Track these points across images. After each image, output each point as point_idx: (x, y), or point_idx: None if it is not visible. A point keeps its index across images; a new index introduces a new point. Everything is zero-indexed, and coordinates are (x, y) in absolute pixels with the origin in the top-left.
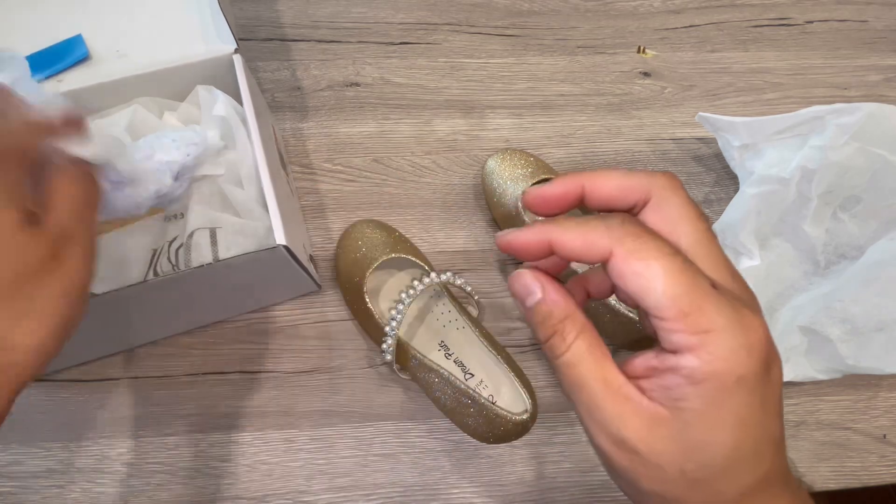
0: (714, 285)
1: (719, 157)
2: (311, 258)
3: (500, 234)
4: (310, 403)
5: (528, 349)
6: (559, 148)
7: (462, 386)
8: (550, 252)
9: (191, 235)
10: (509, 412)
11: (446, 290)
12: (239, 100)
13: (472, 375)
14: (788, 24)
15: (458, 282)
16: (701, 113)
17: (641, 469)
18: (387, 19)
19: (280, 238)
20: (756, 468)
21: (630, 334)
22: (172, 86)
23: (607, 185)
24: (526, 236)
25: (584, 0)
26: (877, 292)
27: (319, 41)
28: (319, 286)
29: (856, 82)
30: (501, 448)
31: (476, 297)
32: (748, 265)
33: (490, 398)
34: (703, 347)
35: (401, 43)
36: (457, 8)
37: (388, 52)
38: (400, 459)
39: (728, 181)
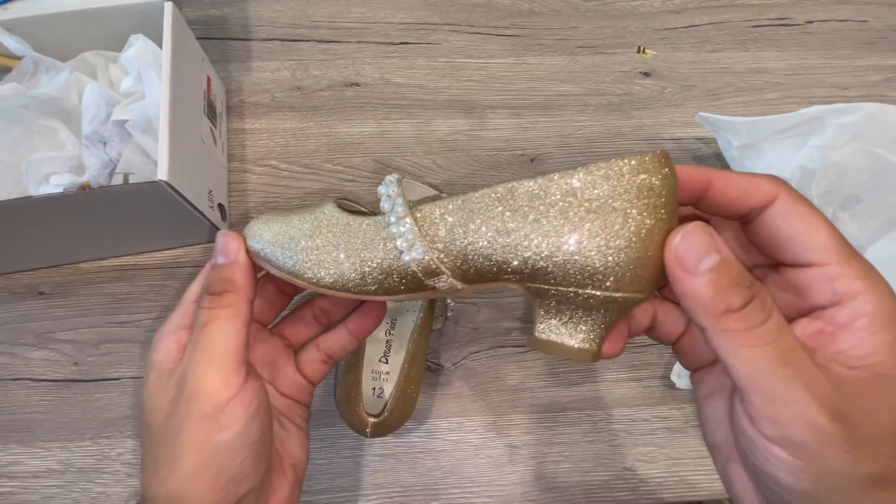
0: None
1: (719, 157)
2: (222, 207)
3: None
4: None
5: (529, 349)
6: (559, 148)
7: (362, 358)
8: (701, 193)
9: (110, 178)
10: (367, 411)
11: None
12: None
13: (386, 363)
14: (788, 24)
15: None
16: (701, 113)
17: (859, 445)
18: (387, 19)
19: (163, 174)
20: None
21: None
22: (117, 30)
23: (739, 182)
24: (687, 169)
25: (584, 0)
26: None
27: (319, 41)
28: None
29: (856, 82)
30: (501, 448)
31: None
32: None
33: (375, 391)
34: (873, 290)
35: (401, 43)
36: (457, 8)
37: (388, 52)
38: (400, 459)
39: None
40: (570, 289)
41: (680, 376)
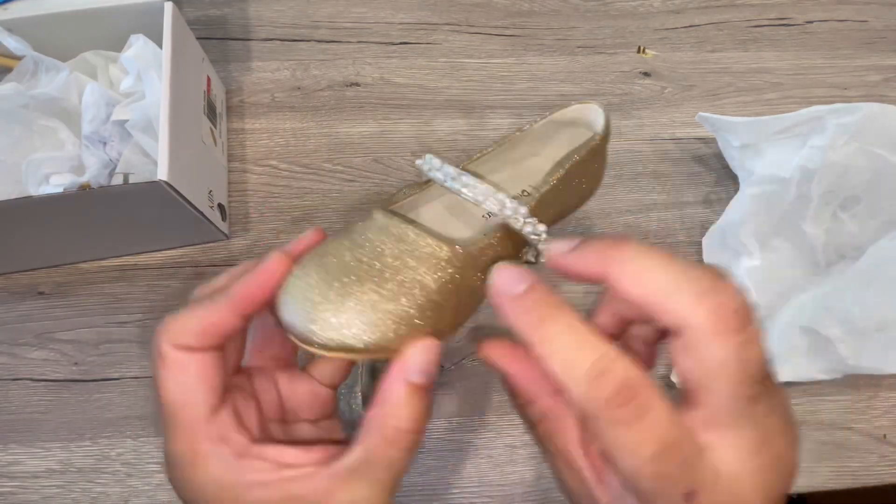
0: (689, 494)
1: (719, 157)
2: (222, 207)
3: (554, 247)
4: None
5: None
6: None
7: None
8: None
9: (110, 178)
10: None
11: None
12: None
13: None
14: (788, 24)
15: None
16: (701, 113)
17: None
18: (387, 19)
19: (163, 174)
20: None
21: None
22: (117, 30)
23: (634, 290)
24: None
25: (584, 0)
26: (877, 292)
27: (319, 41)
28: (227, 235)
29: (856, 82)
30: (501, 448)
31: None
32: (748, 265)
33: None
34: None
35: (401, 43)
36: (457, 8)
37: (388, 52)
38: None
39: (728, 181)
40: None
41: None
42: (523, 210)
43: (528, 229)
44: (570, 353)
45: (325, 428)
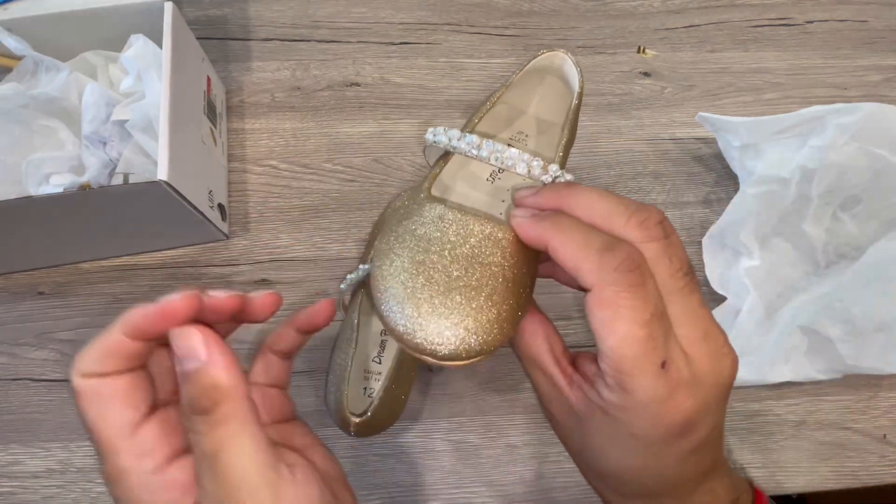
0: (664, 363)
1: (719, 157)
2: (222, 207)
3: (521, 194)
4: (308, 403)
5: None
6: None
7: (351, 356)
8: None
9: (110, 178)
10: (352, 410)
11: None
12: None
13: (379, 363)
14: (788, 24)
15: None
16: (701, 113)
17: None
18: (387, 19)
19: (163, 174)
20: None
21: None
22: (117, 30)
23: (568, 246)
24: (529, 229)
25: (584, 0)
26: (877, 292)
27: (319, 41)
28: (227, 235)
29: (856, 82)
30: (501, 448)
31: None
32: (748, 265)
33: (366, 390)
34: (624, 398)
35: (401, 43)
36: (457, 8)
37: (388, 52)
38: (400, 459)
39: (728, 181)
40: None
41: None
42: (553, 167)
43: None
44: (584, 236)
45: (281, 432)
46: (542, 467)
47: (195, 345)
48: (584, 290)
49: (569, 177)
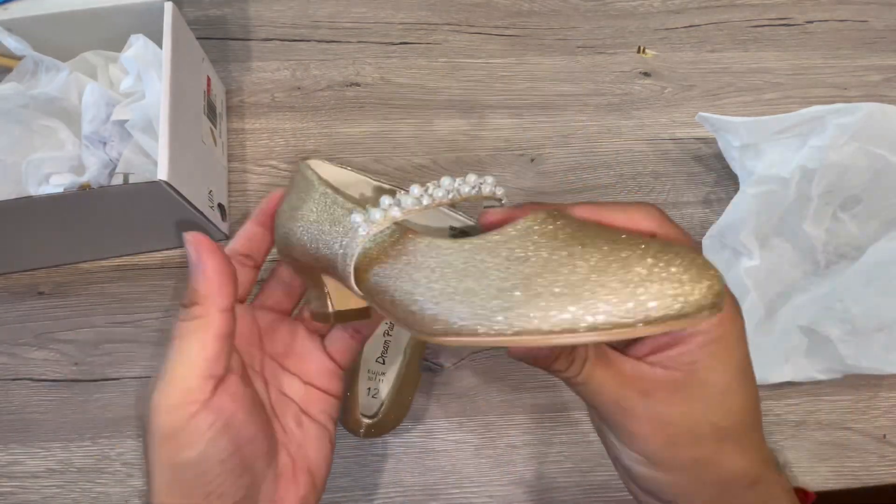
0: None
1: (719, 157)
2: (222, 207)
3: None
4: None
5: None
6: (559, 148)
7: (359, 357)
8: None
9: (110, 178)
10: (362, 412)
11: None
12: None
13: (383, 363)
14: (788, 24)
15: (497, 191)
16: (701, 113)
17: (676, 437)
18: (387, 19)
19: (163, 174)
20: (759, 424)
21: None
22: (117, 30)
23: (618, 218)
24: (580, 208)
25: (584, 0)
26: (877, 292)
27: (319, 41)
28: (227, 235)
29: (856, 82)
30: (502, 448)
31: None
32: (748, 265)
33: (370, 390)
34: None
35: (401, 43)
36: (457, 8)
37: (388, 52)
38: (400, 459)
39: (728, 181)
40: None
41: None
42: (490, 178)
43: (498, 192)
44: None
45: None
46: (542, 467)
47: (191, 249)
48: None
49: (501, 190)
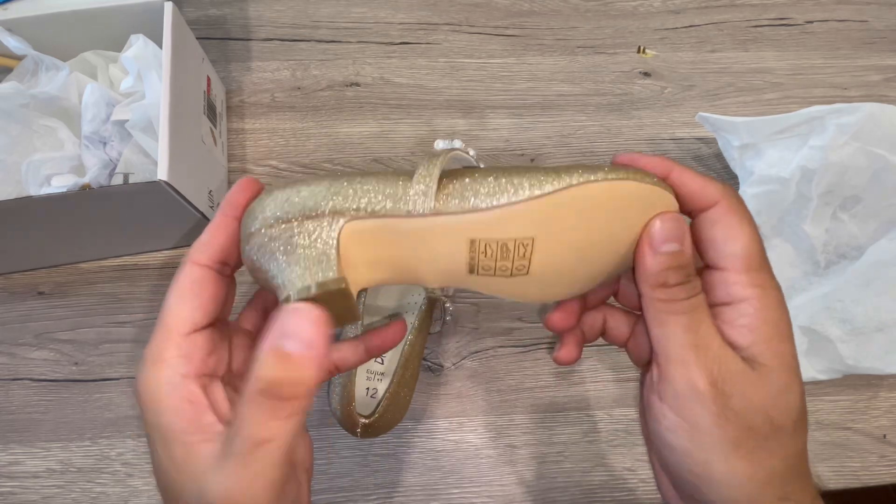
0: None
1: (719, 157)
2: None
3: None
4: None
5: (529, 349)
6: (559, 148)
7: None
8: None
9: (110, 178)
10: (359, 412)
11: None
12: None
13: (381, 363)
14: (788, 24)
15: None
16: (701, 113)
17: (726, 414)
18: (387, 19)
19: (163, 174)
20: (805, 426)
21: None
22: (117, 30)
23: (692, 183)
24: (650, 159)
25: (584, 0)
26: (877, 292)
27: (319, 41)
28: None
29: (856, 82)
30: (501, 448)
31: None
32: None
33: (368, 391)
34: (761, 298)
35: (401, 43)
36: (457, 8)
37: (388, 52)
38: (400, 459)
39: (728, 181)
40: None
41: None
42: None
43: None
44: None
45: None
46: (542, 467)
47: (309, 328)
48: (700, 210)
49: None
